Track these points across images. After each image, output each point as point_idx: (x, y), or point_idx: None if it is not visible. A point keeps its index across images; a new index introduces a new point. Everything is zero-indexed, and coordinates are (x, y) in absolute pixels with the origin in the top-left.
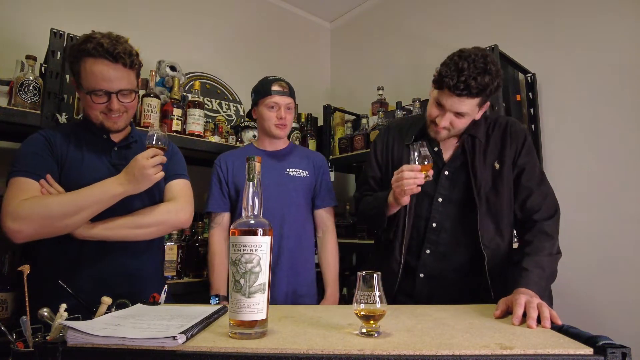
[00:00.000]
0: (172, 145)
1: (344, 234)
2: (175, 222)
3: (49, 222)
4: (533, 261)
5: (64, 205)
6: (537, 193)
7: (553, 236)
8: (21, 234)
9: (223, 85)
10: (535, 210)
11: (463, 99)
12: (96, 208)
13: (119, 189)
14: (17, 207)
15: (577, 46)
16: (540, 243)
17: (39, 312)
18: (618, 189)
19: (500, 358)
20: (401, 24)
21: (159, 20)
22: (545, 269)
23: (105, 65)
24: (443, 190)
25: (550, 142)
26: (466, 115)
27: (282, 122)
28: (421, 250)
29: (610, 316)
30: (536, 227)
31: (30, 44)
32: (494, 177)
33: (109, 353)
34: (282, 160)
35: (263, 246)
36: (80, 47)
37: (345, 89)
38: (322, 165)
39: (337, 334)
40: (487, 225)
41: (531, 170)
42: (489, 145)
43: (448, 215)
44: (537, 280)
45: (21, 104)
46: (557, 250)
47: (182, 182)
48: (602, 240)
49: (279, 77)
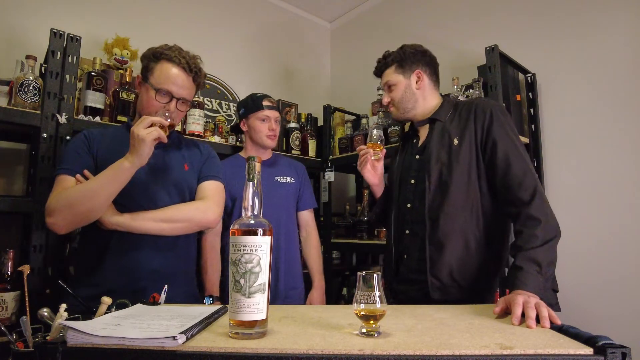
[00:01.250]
0: (208, 149)
1: (344, 234)
2: (202, 221)
3: (73, 210)
4: (527, 257)
5: (80, 190)
6: (514, 170)
7: (541, 219)
8: (56, 225)
9: (223, 85)
10: (516, 188)
11: (385, 74)
12: (111, 187)
13: (125, 164)
14: (50, 202)
15: (578, 46)
16: (530, 231)
17: (38, 312)
18: (619, 188)
19: (500, 358)
20: (401, 24)
21: (159, 20)
22: (542, 263)
23: (180, 72)
24: (414, 172)
25: (550, 142)
26: (393, 84)
27: (272, 133)
28: (403, 232)
29: (610, 316)
30: (523, 214)
31: (30, 44)
32: (449, 152)
33: (109, 353)
34: (269, 169)
35: (263, 246)
36: (164, 51)
37: (345, 89)
38: (304, 172)
39: (337, 334)
40: (438, 199)
41: (505, 146)
42: (452, 124)
43: (417, 194)
44: (533, 278)
45: (21, 104)
46: (552, 234)
47: (215, 184)
48: (602, 240)
49: (266, 94)
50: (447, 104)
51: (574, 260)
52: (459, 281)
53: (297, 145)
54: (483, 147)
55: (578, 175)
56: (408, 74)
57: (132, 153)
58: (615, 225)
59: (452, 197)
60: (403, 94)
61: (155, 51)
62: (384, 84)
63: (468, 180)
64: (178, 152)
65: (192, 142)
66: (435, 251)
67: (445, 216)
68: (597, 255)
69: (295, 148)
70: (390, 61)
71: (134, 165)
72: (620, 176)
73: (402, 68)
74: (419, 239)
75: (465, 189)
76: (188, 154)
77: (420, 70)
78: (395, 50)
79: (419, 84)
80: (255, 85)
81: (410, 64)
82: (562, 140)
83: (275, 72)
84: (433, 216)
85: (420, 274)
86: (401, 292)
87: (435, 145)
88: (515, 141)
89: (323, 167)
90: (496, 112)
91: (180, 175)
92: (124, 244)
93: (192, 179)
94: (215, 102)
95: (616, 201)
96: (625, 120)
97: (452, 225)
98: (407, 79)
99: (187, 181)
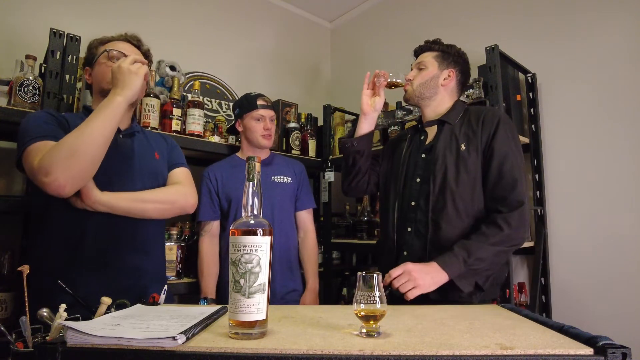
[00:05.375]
0: (170, 140)
1: (344, 234)
2: (184, 204)
3: (76, 160)
4: (463, 244)
5: (78, 135)
6: (504, 182)
7: (503, 228)
8: (57, 183)
9: (223, 85)
10: (500, 201)
11: (423, 55)
12: (109, 126)
13: (117, 97)
14: (42, 160)
15: (578, 46)
16: (485, 230)
17: (38, 313)
18: (619, 188)
19: (501, 358)
20: (401, 24)
21: (159, 19)
22: (472, 254)
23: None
24: (420, 170)
25: (550, 142)
26: (424, 67)
27: (268, 132)
28: (405, 228)
29: (610, 316)
30: (490, 218)
31: (29, 44)
32: (457, 158)
33: (109, 353)
34: (266, 169)
35: (263, 246)
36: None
37: (345, 89)
38: (302, 171)
39: (337, 334)
40: (442, 202)
41: (502, 157)
42: (462, 129)
43: (422, 194)
44: (454, 261)
45: (21, 103)
46: (505, 243)
47: (185, 170)
48: (602, 240)
49: (261, 93)
50: (458, 107)
51: (574, 260)
52: (458, 285)
53: (297, 145)
54: (484, 156)
55: (578, 175)
56: (442, 67)
57: (122, 87)
58: (615, 225)
59: (457, 203)
60: (429, 80)
61: (93, 42)
62: (417, 63)
63: (474, 189)
64: (146, 141)
65: (156, 134)
66: (436, 254)
67: (449, 221)
68: (597, 255)
69: (295, 148)
70: (436, 48)
71: (126, 99)
72: (620, 176)
73: (442, 60)
74: (423, 239)
75: (470, 197)
76: (155, 144)
77: (454, 71)
78: (443, 42)
79: (446, 82)
80: (255, 85)
81: (450, 61)
82: (562, 140)
83: (275, 71)
84: (436, 219)
85: None
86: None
87: (442, 147)
88: (516, 154)
89: (323, 167)
90: (504, 126)
91: (152, 163)
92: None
93: (163, 168)
94: (215, 102)
95: (616, 201)
96: (625, 120)
97: (454, 231)
98: (440, 70)
99: (159, 169)
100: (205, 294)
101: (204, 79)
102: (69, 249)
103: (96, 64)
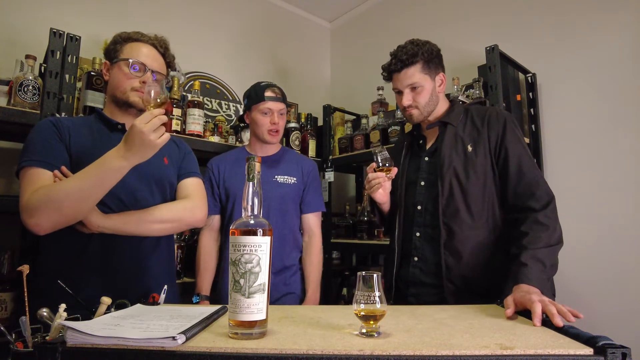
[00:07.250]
0: (184, 145)
1: (344, 234)
2: (192, 220)
3: (59, 212)
4: (531, 255)
5: (67, 191)
6: (527, 179)
7: (549, 225)
8: (39, 227)
9: (223, 85)
10: (528, 197)
11: (406, 71)
12: (102, 189)
13: (122, 162)
14: (29, 200)
15: (577, 46)
16: (536, 234)
17: (38, 313)
18: (619, 188)
19: (501, 358)
20: (401, 23)
21: (159, 20)
22: (545, 263)
23: (150, 49)
24: (424, 174)
25: (550, 142)
26: (420, 86)
27: (275, 127)
28: (412, 233)
29: (610, 316)
30: (530, 218)
31: (29, 44)
32: (465, 159)
33: (109, 353)
34: (270, 167)
35: (263, 246)
36: (130, 34)
37: (345, 89)
38: (312, 171)
39: (337, 334)
40: (453, 205)
41: (518, 155)
42: (465, 130)
43: (430, 198)
44: (538, 274)
45: (20, 103)
46: (556, 240)
47: (196, 181)
48: (602, 240)
49: (272, 83)
50: (457, 107)
51: (574, 260)
52: (474, 288)
53: (297, 145)
54: (496, 156)
55: (578, 175)
56: (433, 76)
57: (134, 154)
58: (615, 224)
59: (470, 205)
60: (430, 96)
61: (121, 35)
62: (407, 85)
63: (484, 190)
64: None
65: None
66: (451, 257)
67: (462, 224)
68: (597, 255)
69: (295, 148)
70: (417, 60)
71: (130, 164)
72: (620, 176)
73: (429, 69)
74: (435, 243)
75: (482, 199)
76: (165, 147)
77: (442, 72)
78: (418, 47)
79: (441, 87)
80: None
81: (435, 65)
82: (562, 140)
83: (275, 71)
84: (448, 222)
85: (436, 278)
86: (412, 295)
87: (448, 149)
88: (528, 151)
89: (323, 167)
90: (510, 124)
91: (160, 170)
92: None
93: (172, 174)
94: (214, 102)
95: (616, 201)
96: (625, 120)
97: (468, 233)
98: (433, 80)
99: (167, 177)
100: (199, 290)
101: (204, 79)
102: (73, 250)
103: (115, 66)
